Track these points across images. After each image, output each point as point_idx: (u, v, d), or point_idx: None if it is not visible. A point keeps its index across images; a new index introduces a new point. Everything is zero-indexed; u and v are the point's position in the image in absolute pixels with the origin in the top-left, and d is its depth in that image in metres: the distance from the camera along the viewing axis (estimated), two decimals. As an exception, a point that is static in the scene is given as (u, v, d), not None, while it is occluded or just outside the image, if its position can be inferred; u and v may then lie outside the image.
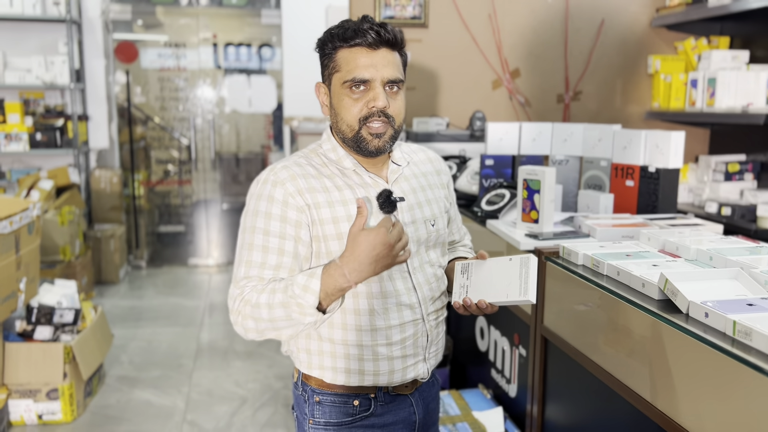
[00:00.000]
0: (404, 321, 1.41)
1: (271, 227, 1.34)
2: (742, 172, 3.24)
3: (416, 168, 1.52)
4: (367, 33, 1.33)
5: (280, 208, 1.34)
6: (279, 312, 1.26)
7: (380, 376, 1.42)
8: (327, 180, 1.39)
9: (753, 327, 1.16)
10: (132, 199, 6.31)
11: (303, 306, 1.24)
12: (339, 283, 1.23)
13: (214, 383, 3.60)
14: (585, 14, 3.48)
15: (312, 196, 1.35)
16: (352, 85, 1.34)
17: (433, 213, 1.49)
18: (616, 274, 1.58)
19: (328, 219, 1.35)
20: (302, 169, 1.39)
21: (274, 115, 6.90)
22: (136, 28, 6.75)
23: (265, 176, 1.38)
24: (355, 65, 1.33)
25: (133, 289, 5.39)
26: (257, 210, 1.36)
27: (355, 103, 1.35)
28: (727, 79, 3.09)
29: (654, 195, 2.15)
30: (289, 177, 1.36)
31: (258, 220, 1.35)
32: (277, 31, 6.36)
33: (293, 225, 1.34)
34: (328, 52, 1.38)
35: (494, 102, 3.47)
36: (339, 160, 1.42)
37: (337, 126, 1.39)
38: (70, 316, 3.21)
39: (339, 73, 1.36)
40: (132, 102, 6.51)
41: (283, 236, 1.34)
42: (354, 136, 1.37)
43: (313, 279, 1.24)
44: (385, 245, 1.21)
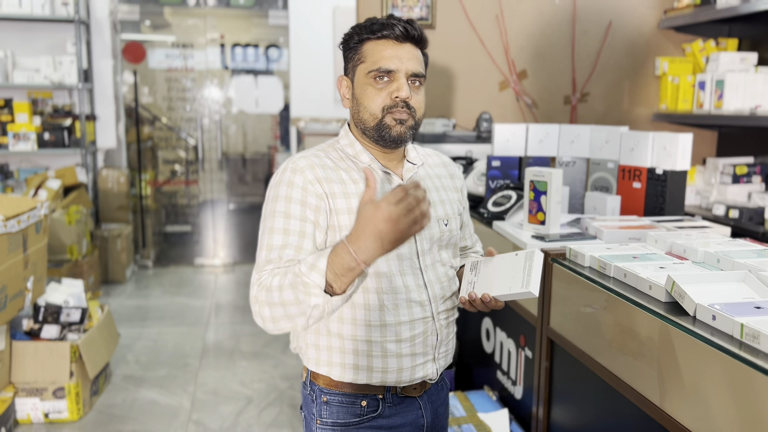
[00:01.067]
0: (414, 318, 1.41)
1: (291, 210, 1.34)
2: (750, 175, 3.22)
3: (430, 170, 1.55)
4: (395, 26, 1.37)
5: (300, 192, 1.35)
6: (288, 294, 1.23)
7: (388, 374, 1.41)
8: (343, 173, 1.41)
9: (761, 330, 1.15)
10: (139, 198, 6.34)
11: (308, 285, 1.20)
12: (346, 261, 1.18)
13: (220, 383, 3.61)
14: (592, 16, 3.47)
15: (329, 185, 1.37)
16: (377, 75, 1.37)
17: (446, 213, 1.51)
18: (623, 276, 1.57)
19: (344, 210, 1.36)
20: (320, 159, 1.41)
21: (281, 116, 6.92)
22: (144, 29, 6.78)
23: (284, 165, 1.41)
24: (380, 56, 1.37)
25: (139, 289, 5.41)
26: (277, 195, 1.37)
27: (378, 93, 1.37)
28: (735, 81, 3.08)
29: (661, 197, 2.14)
30: (308, 165, 1.38)
31: (278, 205, 1.36)
32: (284, 32, 6.37)
33: (313, 210, 1.35)
34: (353, 45, 1.42)
35: (501, 103, 3.47)
36: (356, 154, 1.44)
37: (359, 116, 1.41)
38: (77, 315, 3.22)
39: (364, 63, 1.39)
40: (139, 102, 6.53)
41: (303, 219, 1.34)
42: (377, 123, 1.38)
43: (320, 258, 1.21)
44: (387, 220, 1.14)
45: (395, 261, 1.39)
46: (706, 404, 1.24)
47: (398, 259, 1.40)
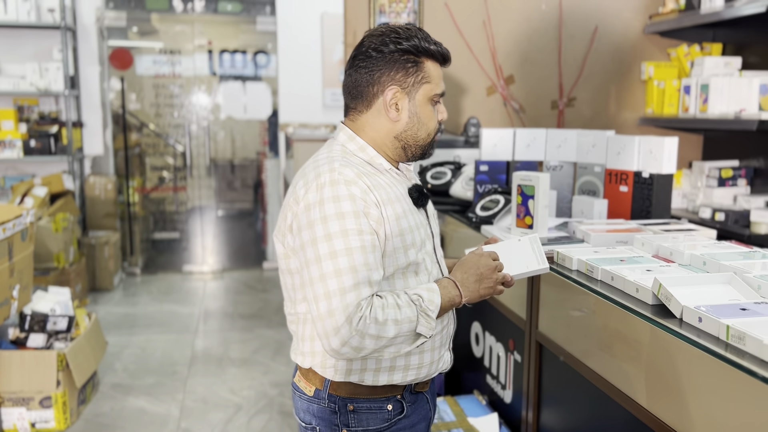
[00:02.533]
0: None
1: (362, 225, 1.29)
2: (735, 178, 3.25)
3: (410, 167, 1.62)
4: (442, 48, 1.45)
5: (363, 205, 1.31)
6: (405, 328, 1.30)
7: (422, 369, 1.44)
8: (377, 178, 1.39)
9: (746, 331, 1.16)
10: (126, 205, 6.30)
11: (431, 320, 1.32)
12: (452, 295, 1.38)
13: (209, 390, 3.59)
14: (579, 21, 3.49)
15: (378, 193, 1.34)
16: (438, 98, 1.45)
17: (433, 210, 1.59)
18: (610, 280, 1.58)
19: (392, 216, 1.35)
20: (359, 168, 1.36)
21: (269, 122, 6.91)
22: (131, 35, 6.76)
23: (329, 178, 1.31)
24: (439, 80, 1.45)
25: (127, 296, 5.37)
26: (341, 212, 1.28)
27: (435, 115, 1.47)
28: (719, 85, 3.11)
29: (648, 200, 2.16)
30: (356, 175, 1.33)
31: (347, 222, 1.28)
32: (272, 38, 6.37)
33: (375, 221, 1.32)
34: (416, 61, 1.41)
35: (489, 108, 3.48)
36: (371, 159, 1.43)
37: (414, 132, 1.44)
38: (64, 324, 3.20)
39: (429, 84, 1.42)
40: (127, 109, 6.51)
41: (372, 232, 1.31)
42: (429, 143, 1.47)
43: (434, 294, 1.35)
44: (488, 267, 1.40)
45: (428, 257, 1.45)
46: (693, 406, 1.25)
47: (428, 256, 1.46)
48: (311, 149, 4.56)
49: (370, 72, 1.39)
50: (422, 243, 1.42)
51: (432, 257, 1.47)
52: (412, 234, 1.38)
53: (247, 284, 5.74)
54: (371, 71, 1.39)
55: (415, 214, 1.42)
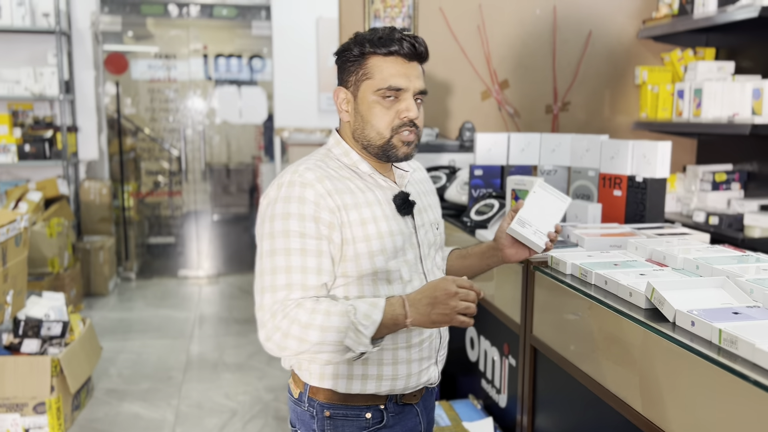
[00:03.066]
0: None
1: (306, 229, 1.30)
2: (729, 182, 3.27)
3: (416, 174, 1.57)
4: (404, 43, 1.36)
5: (313, 208, 1.31)
6: (331, 337, 1.24)
7: (398, 381, 1.41)
8: (349, 182, 1.39)
9: (738, 335, 1.16)
10: (122, 210, 6.29)
11: (361, 335, 1.25)
12: (397, 314, 1.27)
13: (204, 396, 3.58)
14: (573, 26, 3.51)
15: (341, 197, 1.34)
16: (386, 94, 1.36)
17: (436, 217, 1.55)
18: (603, 284, 1.59)
19: (357, 221, 1.34)
20: (324, 171, 1.37)
21: (264, 126, 6.91)
22: (127, 40, 6.75)
23: (289, 178, 1.34)
24: (389, 74, 1.35)
25: (122, 301, 5.36)
26: (288, 212, 1.31)
27: (386, 112, 1.37)
28: (713, 89, 3.12)
29: (641, 204, 2.16)
30: (316, 178, 1.34)
31: (291, 223, 1.30)
32: (267, 43, 6.37)
33: (326, 226, 1.32)
34: (356, 58, 1.38)
35: (483, 113, 3.49)
36: (354, 164, 1.42)
37: (363, 133, 1.39)
38: (58, 329, 3.18)
39: (371, 80, 1.37)
40: (122, 113, 6.50)
41: (319, 237, 1.31)
42: (384, 143, 1.38)
43: (375, 309, 1.26)
44: (446, 291, 1.26)
45: (405, 266, 1.40)
46: (686, 409, 1.25)
47: (407, 265, 1.41)
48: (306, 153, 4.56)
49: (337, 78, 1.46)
50: (398, 251, 1.39)
51: (414, 267, 1.43)
52: (382, 240, 1.35)
53: (243, 289, 5.72)
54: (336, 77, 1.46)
55: (395, 222, 1.39)
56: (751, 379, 1.08)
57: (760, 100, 2.98)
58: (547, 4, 3.46)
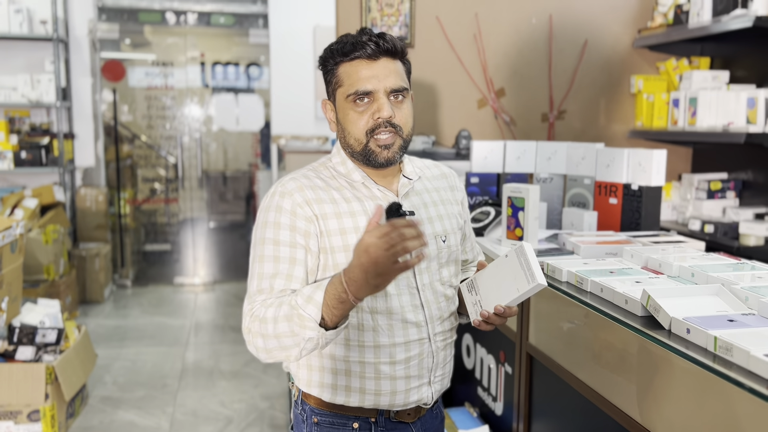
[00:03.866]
0: (409, 339, 1.38)
1: (280, 237, 1.33)
2: (724, 190, 3.28)
3: (428, 183, 1.50)
4: (366, 45, 1.32)
5: (289, 217, 1.33)
6: (283, 326, 1.22)
7: (381, 397, 1.37)
8: (335, 192, 1.38)
9: (733, 343, 1.17)
10: (118, 217, 6.28)
11: (303, 318, 1.20)
12: (338, 292, 1.17)
13: (199, 403, 3.56)
14: (568, 35, 3.52)
15: (320, 206, 1.35)
16: (356, 98, 1.34)
17: (445, 229, 1.46)
18: (599, 291, 1.59)
19: (336, 230, 1.34)
20: (310, 181, 1.39)
21: (261, 134, 6.92)
22: (124, 47, 6.76)
23: (272, 189, 1.39)
24: (356, 78, 1.33)
25: (118, 309, 5.34)
26: (266, 221, 1.35)
27: (360, 116, 1.35)
28: (707, 98, 3.14)
29: (637, 212, 2.17)
30: (296, 188, 1.36)
31: (267, 231, 1.34)
32: (264, 51, 6.39)
33: (302, 234, 1.33)
34: (330, 68, 1.39)
35: (480, 121, 3.50)
36: (348, 173, 1.41)
37: (345, 141, 1.39)
38: (53, 336, 3.17)
39: (342, 87, 1.36)
40: (119, 120, 6.50)
41: (293, 245, 1.32)
42: (362, 149, 1.36)
43: (317, 290, 1.21)
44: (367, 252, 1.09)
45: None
46: (682, 417, 1.25)
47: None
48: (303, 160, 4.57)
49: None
50: None
51: (403, 281, 1.37)
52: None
53: (239, 296, 5.71)
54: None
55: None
56: (746, 386, 1.08)
57: (754, 109, 2.99)
58: (543, 13, 3.48)
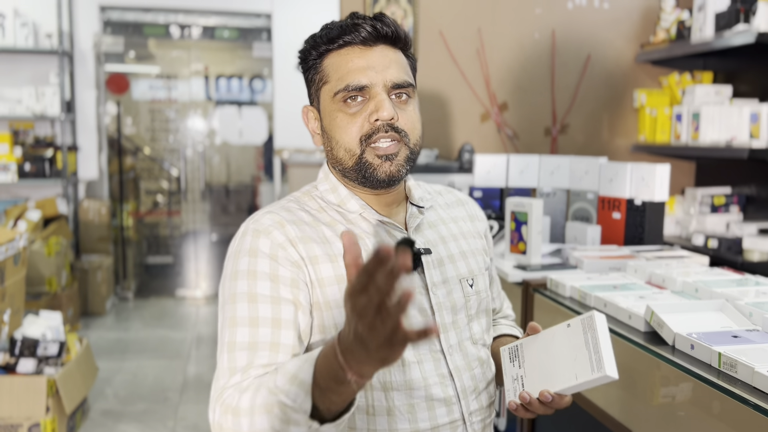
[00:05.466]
0: (438, 424, 1.02)
1: (258, 290, 0.98)
2: (727, 205, 3.27)
3: (443, 212, 1.18)
4: (359, 27, 1.03)
5: (268, 263, 0.99)
6: (261, 421, 0.85)
7: None
8: (326, 228, 1.06)
9: (738, 359, 1.16)
10: (120, 230, 6.29)
11: (286, 408, 0.83)
12: (333, 368, 0.79)
13: (201, 417, 3.54)
14: (571, 50, 3.54)
15: (307, 247, 1.02)
16: (347, 96, 1.03)
17: (471, 270, 1.13)
18: (603, 306, 1.58)
19: (331, 278, 1.01)
20: (292, 214, 1.06)
21: (264, 147, 6.95)
22: (128, 60, 6.81)
23: (243, 228, 1.05)
24: (347, 69, 1.03)
25: (119, 321, 5.33)
26: (236, 271, 1.01)
27: (352, 119, 1.03)
28: (710, 113, 3.15)
29: (640, 227, 2.17)
30: (274, 223, 1.03)
31: (239, 284, 0.99)
32: (268, 64, 6.42)
33: (288, 285, 0.99)
34: (312, 63, 1.08)
35: (483, 134, 3.51)
36: (341, 202, 1.09)
37: (334, 155, 1.07)
38: (55, 349, 3.17)
39: (328, 84, 1.05)
40: (122, 133, 6.53)
41: (276, 301, 0.98)
42: (356, 163, 1.04)
43: (305, 365, 0.84)
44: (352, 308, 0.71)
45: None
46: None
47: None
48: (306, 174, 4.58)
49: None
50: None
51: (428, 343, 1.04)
52: None
53: (241, 309, 5.70)
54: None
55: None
56: (751, 402, 1.07)
57: (757, 123, 3.00)
58: (545, 29, 3.50)
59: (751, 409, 1.07)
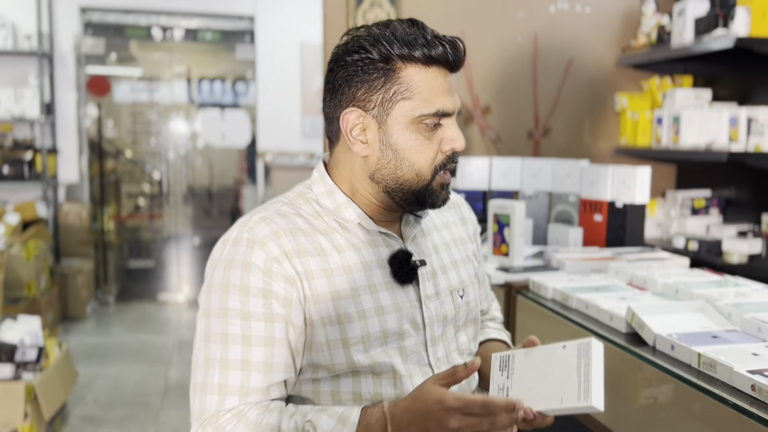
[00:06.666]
0: None
1: (251, 307, 0.96)
2: (707, 208, 3.31)
3: (436, 217, 1.16)
4: (445, 47, 0.98)
5: (262, 278, 0.97)
6: None
7: None
8: (322, 238, 1.02)
9: (717, 359, 1.17)
10: (101, 233, 6.22)
11: None
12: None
13: (183, 423, 3.51)
14: (553, 53, 3.56)
15: (303, 261, 0.99)
16: (434, 121, 1.00)
17: (461, 280, 1.14)
18: (584, 308, 1.59)
19: (326, 295, 0.99)
20: (288, 221, 1.02)
21: (248, 150, 6.92)
22: (109, 62, 6.75)
23: (236, 234, 1.01)
24: (435, 93, 0.98)
25: (100, 326, 5.27)
26: (227, 284, 0.97)
27: (430, 145, 1.01)
28: (690, 117, 3.17)
29: (622, 229, 2.18)
30: (270, 234, 0.99)
31: (230, 299, 0.96)
32: (251, 67, 6.40)
33: (281, 303, 0.97)
34: (384, 69, 0.99)
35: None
36: (337, 209, 1.05)
37: (396, 174, 1.01)
38: (33, 354, 3.12)
39: (410, 101, 0.99)
40: (103, 135, 6.47)
41: (269, 318, 0.96)
42: (423, 188, 1.02)
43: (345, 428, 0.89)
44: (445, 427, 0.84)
45: (399, 357, 1.02)
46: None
47: (402, 354, 1.02)
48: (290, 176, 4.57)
49: (332, 92, 1.04)
50: (390, 336, 1.01)
51: (414, 357, 1.04)
52: (364, 323, 0.99)
53: (224, 313, 5.66)
54: (333, 91, 1.03)
55: (387, 294, 1.02)
56: (730, 402, 1.08)
57: (736, 127, 3.03)
58: (528, 32, 3.52)
59: (730, 409, 1.08)
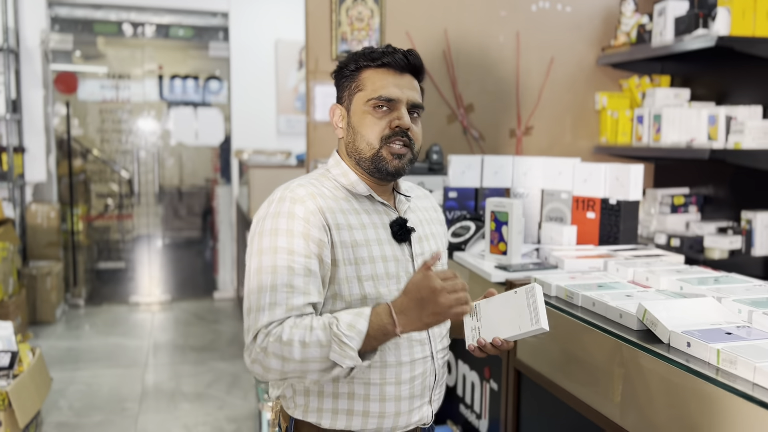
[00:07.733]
0: (415, 358, 1.34)
1: (295, 246, 1.26)
2: (686, 205, 3.36)
3: (419, 202, 1.52)
4: (396, 55, 1.36)
5: (303, 225, 1.27)
6: (314, 352, 1.18)
7: (385, 419, 1.33)
8: (343, 202, 1.35)
9: (738, 355, 1.17)
10: (70, 234, 6.05)
11: (345, 347, 1.16)
12: (384, 323, 1.18)
13: (162, 427, 3.43)
14: (535, 53, 3.57)
15: (332, 216, 1.31)
16: (377, 104, 1.34)
17: (438, 247, 1.48)
18: (591, 305, 1.58)
19: (348, 243, 1.30)
20: (318, 189, 1.34)
21: (221, 148, 6.80)
22: (77, 59, 6.57)
23: (280, 194, 1.32)
24: (381, 84, 1.34)
25: (70, 329, 5.12)
26: (275, 228, 1.27)
27: (377, 122, 1.34)
28: (671, 115, 3.22)
29: (615, 226, 2.19)
30: (308, 195, 1.31)
31: (279, 239, 1.26)
32: (224, 64, 6.30)
33: (316, 244, 1.27)
34: (350, 73, 1.39)
35: (450, 136, 3.50)
36: (351, 185, 1.38)
37: (355, 145, 1.37)
38: (6, 360, 3.01)
39: (363, 91, 1.36)
40: (72, 134, 6.29)
41: (308, 255, 1.26)
42: (373, 155, 1.35)
43: (359, 319, 1.18)
44: (430, 289, 1.16)
45: (395, 292, 1.32)
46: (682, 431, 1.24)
47: (397, 291, 1.32)
48: (268, 175, 4.50)
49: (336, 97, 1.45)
50: (391, 278, 1.34)
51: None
52: (373, 265, 1.32)
53: (198, 315, 5.56)
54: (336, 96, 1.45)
55: (389, 247, 1.35)
56: (755, 399, 1.08)
57: (715, 126, 3.08)
58: (510, 32, 3.52)
59: (751, 405, 1.08)
